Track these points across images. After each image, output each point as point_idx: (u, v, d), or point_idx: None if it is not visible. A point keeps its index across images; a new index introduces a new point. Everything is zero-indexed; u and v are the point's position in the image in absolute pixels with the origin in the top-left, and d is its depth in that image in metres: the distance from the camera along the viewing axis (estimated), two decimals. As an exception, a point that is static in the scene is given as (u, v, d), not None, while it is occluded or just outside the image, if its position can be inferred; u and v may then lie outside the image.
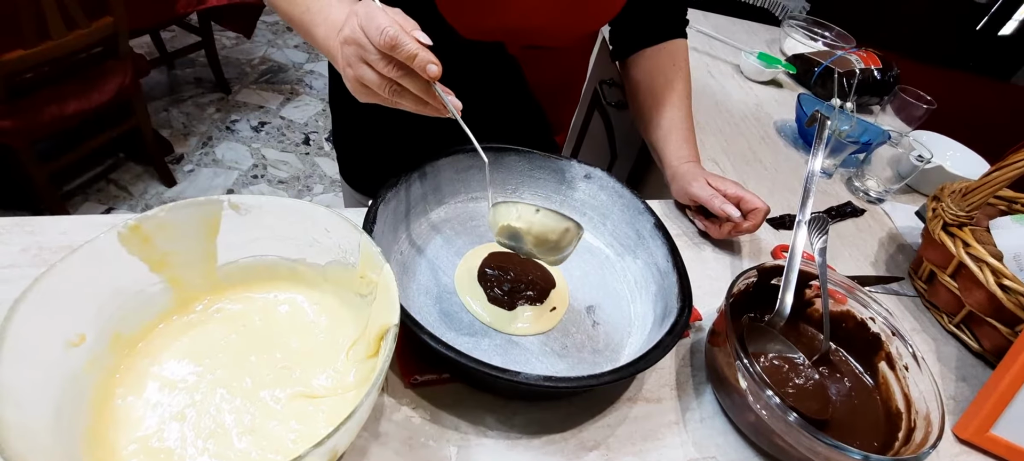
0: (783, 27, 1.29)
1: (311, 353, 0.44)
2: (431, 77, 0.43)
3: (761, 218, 0.66)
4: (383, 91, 0.45)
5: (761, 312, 0.59)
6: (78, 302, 0.37)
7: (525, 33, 0.64)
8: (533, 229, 0.49)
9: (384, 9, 0.43)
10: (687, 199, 0.70)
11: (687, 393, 0.53)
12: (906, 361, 0.53)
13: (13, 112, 1.32)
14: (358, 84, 0.46)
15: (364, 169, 0.84)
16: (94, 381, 0.37)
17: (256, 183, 1.95)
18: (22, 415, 0.30)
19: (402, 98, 0.46)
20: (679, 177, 0.70)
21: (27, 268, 0.48)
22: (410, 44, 0.42)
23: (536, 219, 0.49)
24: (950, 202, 0.65)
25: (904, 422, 0.51)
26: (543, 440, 0.47)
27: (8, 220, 0.51)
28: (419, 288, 0.55)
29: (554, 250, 0.50)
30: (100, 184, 1.80)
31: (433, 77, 0.43)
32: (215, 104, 2.23)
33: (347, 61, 0.46)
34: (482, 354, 0.47)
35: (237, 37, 2.59)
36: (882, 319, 0.56)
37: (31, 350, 0.33)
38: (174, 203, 0.41)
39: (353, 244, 0.44)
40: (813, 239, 0.61)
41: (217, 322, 0.44)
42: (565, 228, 0.49)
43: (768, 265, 0.57)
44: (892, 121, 1.10)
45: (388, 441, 0.44)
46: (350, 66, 0.46)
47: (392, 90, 0.45)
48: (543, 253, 0.51)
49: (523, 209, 0.50)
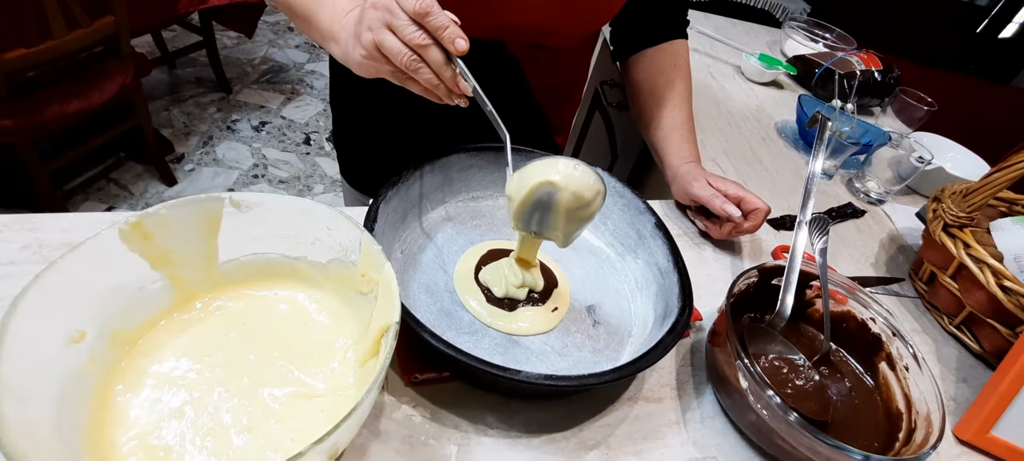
0: (784, 29, 1.29)
1: (311, 351, 0.44)
2: (458, 51, 0.43)
3: (762, 218, 0.66)
4: (402, 59, 0.44)
5: (762, 312, 0.59)
6: (79, 299, 0.37)
7: (525, 32, 0.64)
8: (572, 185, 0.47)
9: None
10: (688, 199, 0.70)
11: (687, 393, 0.53)
12: (906, 362, 0.53)
13: (15, 111, 1.32)
14: (373, 51, 0.45)
15: (364, 168, 0.84)
16: (94, 377, 0.37)
17: (257, 183, 1.95)
18: (23, 411, 0.30)
19: (416, 74, 0.45)
20: (680, 177, 0.70)
21: (28, 265, 0.48)
22: (443, 15, 0.43)
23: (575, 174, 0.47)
24: (950, 203, 0.65)
25: (904, 423, 0.51)
26: (543, 439, 0.47)
27: (9, 217, 0.51)
28: (420, 286, 0.55)
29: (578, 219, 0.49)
30: (101, 183, 1.80)
31: (460, 51, 0.43)
32: (216, 104, 2.23)
33: (369, 25, 0.45)
34: (483, 353, 0.47)
35: (238, 37, 2.60)
36: (883, 319, 0.56)
37: (32, 346, 0.33)
38: (175, 200, 0.41)
39: (354, 242, 0.44)
40: (814, 240, 0.61)
41: (217, 320, 0.44)
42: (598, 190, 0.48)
43: (769, 265, 0.57)
44: (893, 123, 1.10)
45: (388, 439, 0.44)
46: (371, 30, 0.45)
47: (411, 60, 0.44)
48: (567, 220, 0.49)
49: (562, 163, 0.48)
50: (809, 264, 0.58)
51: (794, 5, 1.79)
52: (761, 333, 0.56)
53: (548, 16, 0.62)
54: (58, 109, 1.40)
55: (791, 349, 0.55)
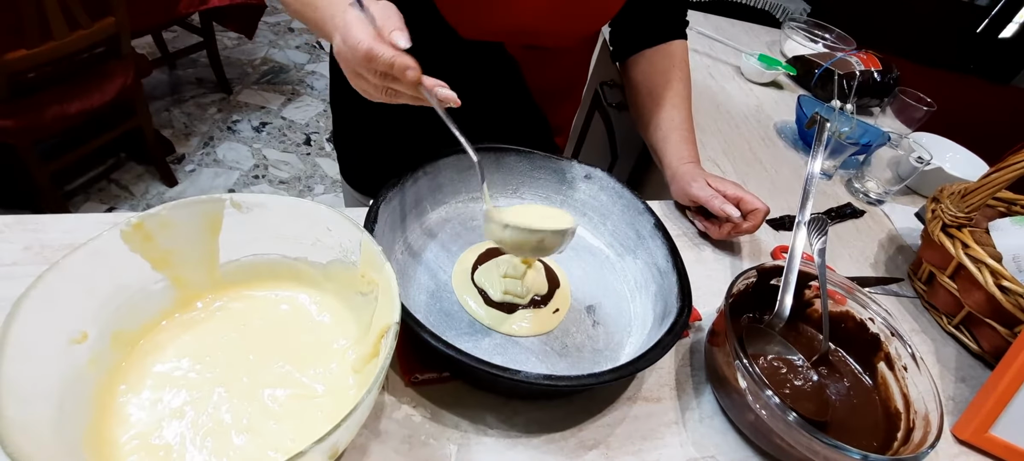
0: (783, 29, 1.29)
1: (311, 352, 0.44)
2: (410, 81, 0.44)
3: (761, 219, 0.66)
4: (380, 94, 0.47)
5: (761, 312, 0.59)
6: (81, 300, 0.37)
7: (524, 34, 0.65)
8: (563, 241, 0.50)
9: (361, 18, 0.44)
10: (687, 200, 0.70)
11: (687, 393, 0.54)
12: (905, 361, 0.53)
13: (16, 112, 1.33)
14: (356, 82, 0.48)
15: (364, 169, 0.84)
16: (96, 378, 0.37)
17: (257, 183, 1.96)
18: (25, 411, 0.31)
19: (399, 96, 0.47)
20: (679, 177, 0.70)
21: (30, 266, 0.48)
22: (385, 53, 0.43)
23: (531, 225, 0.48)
24: (949, 203, 0.65)
25: (903, 422, 0.51)
26: (543, 439, 0.47)
27: (11, 218, 0.51)
28: (420, 287, 0.55)
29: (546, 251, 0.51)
30: (102, 184, 1.81)
31: (413, 81, 0.44)
32: (216, 104, 2.23)
33: (346, 71, 0.48)
34: (482, 353, 0.47)
35: (239, 37, 2.60)
36: (881, 320, 0.56)
37: (34, 347, 0.33)
38: (177, 201, 0.41)
39: (354, 243, 0.44)
40: (812, 240, 0.61)
41: (218, 320, 0.44)
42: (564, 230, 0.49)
43: (767, 266, 0.57)
44: (892, 123, 1.10)
45: (388, 439, 0.44)
46: (349, 76, 0.48)
47: (387, 92, 0.47)
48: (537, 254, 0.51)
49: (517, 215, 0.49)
50: (808, 264, 0.58)
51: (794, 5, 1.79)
52: (760, 333, 0.56)
53: (546, 18, 0.63)
54: (59, 110, 1.41)
55: (790, 349, 0.55)
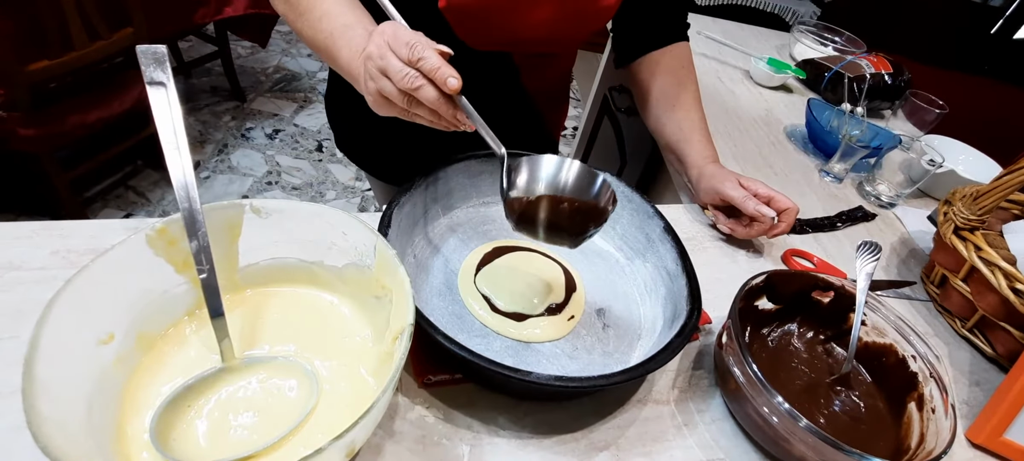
0: (793, 32, 1.29)
1: (327, 353, 0.45)
2: (452, 90, 0.45)
3: (793, 218, 0.66)
4: (401, 102, 0.47)
5: (780, 323, 0.58)
6: (108, 302, 0.38)
7: (534, 43, 0.66)
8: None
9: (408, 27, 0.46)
10: (718, 199, 0.70)
11: (696, 395, 0.54)
12: (935, 404, 0.51)
13: (38, 120, 1.36)
14: (379, 97, 0.49)
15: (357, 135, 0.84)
16: (122, 376, 0.39)
17: (270, 190, 1.98)
18: (57, 408, 0.32)
19: (418, 110, 0.48)
20: (706, 177, 0.70)
21: (57, 270, 0.50)
22: (433, 57, 0.44)
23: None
24: (962, 206, 0.65)
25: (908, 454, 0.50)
26: (554, 440, 0.47)
27: (38, 224, 0.53)
28: (432, 290, 0.56)
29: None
30: (119, 190, 1.84)
31: (453, 90, 0.45)
32: (230, 112, 2.27)
33: (369, 75, 0.48)
34: (494, 355, 0.48)
35: (252, 46, 2.64)
36: (923, 360, 0.54)
37: (64, 348, 0.34)
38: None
39: (369, 247, 0.45)
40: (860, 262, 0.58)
41: (237, 315, 0.46)
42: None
43: (778, 271, 0.57)
44: (903, 125, 1.09)
45: (402, 439, 0.45)
46: (372, 79, 0.48)
47: (409, 101, 0.47)
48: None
49: None
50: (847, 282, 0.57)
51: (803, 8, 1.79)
52: (775, 339, 0.56)
53: (555, 28, 0.64)
54: (79, 119, 1.44)
55: (803, 358, 0.55)
